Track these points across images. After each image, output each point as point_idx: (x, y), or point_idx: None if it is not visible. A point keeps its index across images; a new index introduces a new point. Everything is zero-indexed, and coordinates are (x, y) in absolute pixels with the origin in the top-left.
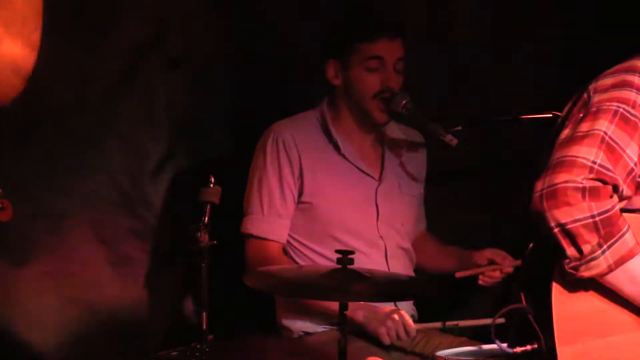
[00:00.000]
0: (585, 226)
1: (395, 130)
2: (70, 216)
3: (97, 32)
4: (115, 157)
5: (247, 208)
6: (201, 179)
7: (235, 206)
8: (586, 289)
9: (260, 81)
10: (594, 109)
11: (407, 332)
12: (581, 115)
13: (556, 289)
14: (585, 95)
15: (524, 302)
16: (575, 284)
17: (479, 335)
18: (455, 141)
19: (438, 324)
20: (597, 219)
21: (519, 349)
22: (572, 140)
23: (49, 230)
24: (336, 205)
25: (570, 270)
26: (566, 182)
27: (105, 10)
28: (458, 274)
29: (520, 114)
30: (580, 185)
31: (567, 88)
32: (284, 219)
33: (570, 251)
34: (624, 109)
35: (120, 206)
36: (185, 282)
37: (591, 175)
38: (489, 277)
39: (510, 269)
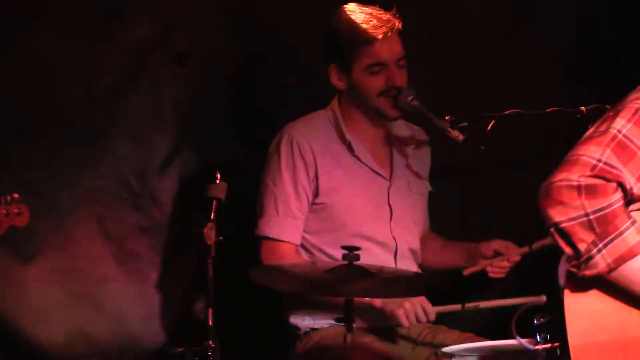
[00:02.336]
0: (580, 224)
1: (401, 128)
2: (77, 212)
3: (104, 29)
4: (121, 154)
5: (261, 210)
6: (207, 176)
7: (241, 203)
8: (598, 288)
9: (267, 78)
10: (619, 108)
11: (426, 313)
12: (610, 114)
13: (568, 288)
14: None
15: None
16: (587, 283)
17: (492, 328)
18: (461, 137)
19: (458, 306)
20: (591, 217)
21: (540, 347)
22: (586, 139)
23: (55, 226)
24: (350, 206)
25: (572, 269)
26: (561, 180)
27: (112, 7)
28: (466, 272)
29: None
30: (576, 183)
31: (573, 84)
32: (299, 221)
33: (568, 250)
34: None
35: (126, 202)
36: (191, 278)
37: (591, 173)
38: (498, 267)
39: (517, 257)
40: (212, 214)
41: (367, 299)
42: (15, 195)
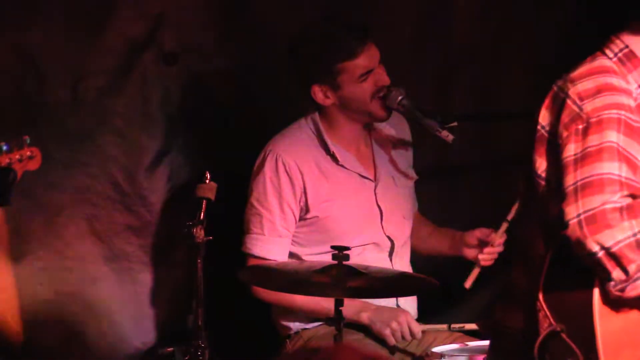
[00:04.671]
0: (628, 246)
1: (381, 125)
2: (66, 212)
3: (93, 28)
4: (110, 154)
5: (248, 227)
6: (197, 176)
7: (231, 203)
8: (631, 304)
9: (256, 78)
10: (594, 119)
11: (412, 333)
12: (580, 126)
13: (599, 305)
14: (569, 103)
15: (552, 321)
16: (619, 300)
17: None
18: (451, 137)
19: (444, 326)
20: (638, 236)
21: None
22: (588, 157)
23: (44, 225)
24: (342, 216)
25: (616, 293)
26: (603, 204)
27: (101, 6)
28: (467, 284)
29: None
30: (618, 204)
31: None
32: (285, 239)
33: (616, 273)
34: (624, 115)
35: (115, 202)
36: (181, 278)
37: (624, 192)
38: (488, 254)
39: (501, 240)
40: (202, 214)
41: (355, 316)
42: (25, 136)
